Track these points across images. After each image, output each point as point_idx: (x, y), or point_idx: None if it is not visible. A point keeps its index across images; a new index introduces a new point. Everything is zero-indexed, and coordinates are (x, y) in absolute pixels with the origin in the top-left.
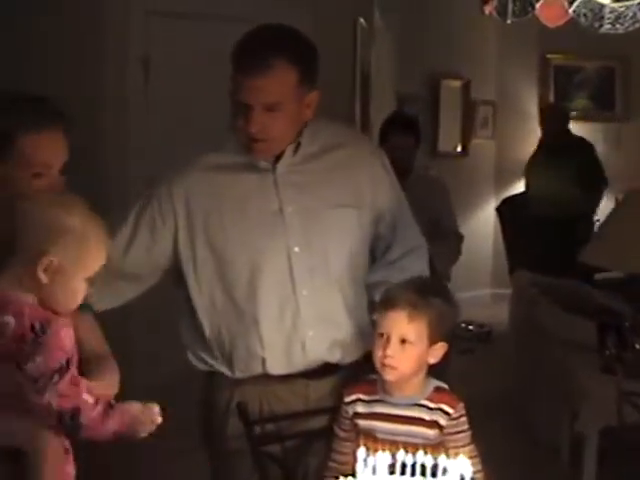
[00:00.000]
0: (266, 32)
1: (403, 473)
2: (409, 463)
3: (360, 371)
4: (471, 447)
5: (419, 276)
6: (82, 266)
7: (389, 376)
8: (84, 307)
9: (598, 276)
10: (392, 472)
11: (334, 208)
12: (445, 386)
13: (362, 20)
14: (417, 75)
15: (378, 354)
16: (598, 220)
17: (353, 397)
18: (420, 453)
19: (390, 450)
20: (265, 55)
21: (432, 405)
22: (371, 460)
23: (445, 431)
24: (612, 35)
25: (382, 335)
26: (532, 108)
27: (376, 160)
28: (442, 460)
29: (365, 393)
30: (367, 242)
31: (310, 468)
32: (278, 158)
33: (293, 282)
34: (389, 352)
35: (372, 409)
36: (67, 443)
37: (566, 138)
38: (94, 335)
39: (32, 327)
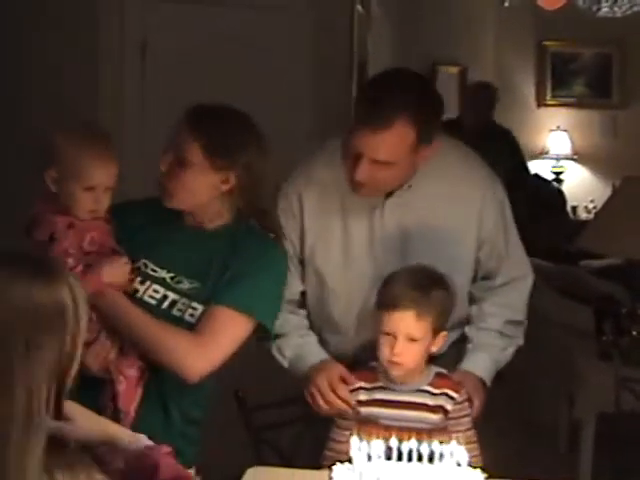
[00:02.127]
0: (395, 83)
1: (400, 460)
2: (405, 450)
3: None
4: (473, 432)
5: (421, 268)
6: (78, 176)
7: (396, 372)
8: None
9: (584, 263)
10: (389, 458)
11: (438, 240)
12: (445, 372)
13: (359, 7)
14: (414, 61)
15: (385, 352)
16: (595, 207)
17: (355, 386)
18: (413, 440)
19: (396, 436)
20: (386, 111)
21: (435, 390)
22: (365, 447)
23: (450, 415)
24: (609, 22)
25: (388, 334)
26: (529, 95)
27: (487, 191)
28: (437, 447)
29: (366, 381)
30: (468, 273)
31: (308, 454)
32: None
33: None
34: (397, 351)
35: (374, 396)
36: None
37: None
38: None
39: None
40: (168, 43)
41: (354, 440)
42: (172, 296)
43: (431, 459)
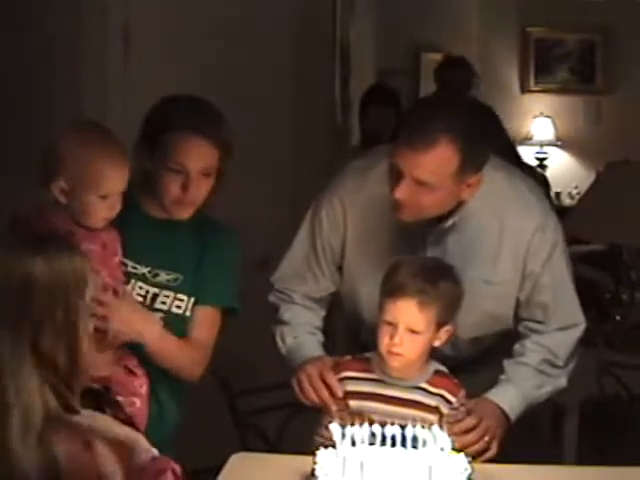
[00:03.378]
0: (444, 104)
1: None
2: (388, 435)
3: None
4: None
5: (428, 259)
6: (92, 185)
7: (395, 363)
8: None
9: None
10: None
11: (474, 280)
12: (445, 370)
13: None
14: (398, 49)
15: (384, 342)
16: (579, 193)
17: (341, 375)
18: (397, 425)
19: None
20: (430, 130)
21: (433, 390)
22: (350, 432)
23: (444, 418)
24: (593, 7)
25: (389, 323)
26: (513, 81)
27: (537, 233)
28: (420, 431)
29: (354, 371)
30: (507, 313)
31: (294, 440)
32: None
33: None
34: (397, 340)
35: (366, 388)
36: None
37: None
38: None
39: None
40: (153, 28)
41: (335, 425)
42: (152, 290)
43: (414, 444)
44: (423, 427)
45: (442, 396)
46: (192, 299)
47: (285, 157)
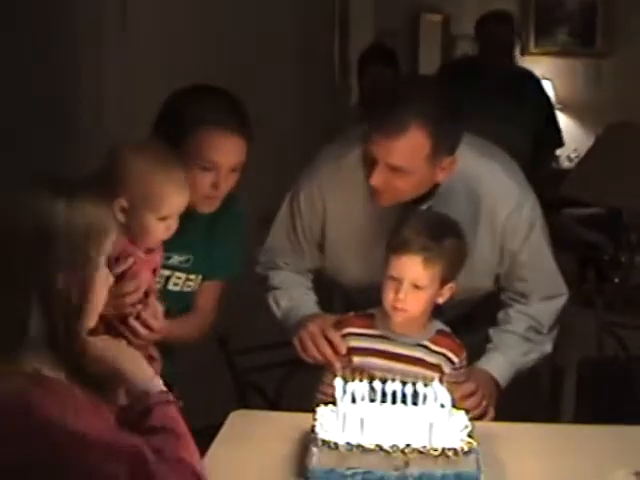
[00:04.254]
0: (410, 88)
1: (384, 402)
2: (389, 391)
3: None
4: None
5: (434, 215)
6: (153, 207)
7: (399, 318)
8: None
9: (566, 211)
10: (372, 400)
11: None
12: (448, 330)
13: None
14: (397, 9)
15: (389, 297)
16: (578, 156)
17: (344, 332)
18: (397, 382)
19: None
20: (400, 116)
21: (435, 348)
22: (350, 388)
23: (446, 379)
24: None
25: (394, 278)
26: None
27: (514, 210)
28: (421, 388)
29: (357, 327)
30: (487, 285)
31: (293, 398)
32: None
33: None
34: (401, 296)
35: (370, 345)
36: None
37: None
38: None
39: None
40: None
41: (338, 382)
42: (165, 273)
43: (415, 401)
44: (425, 384)
45: (444, 355)
46: (201, 276)
47: (287, 116)
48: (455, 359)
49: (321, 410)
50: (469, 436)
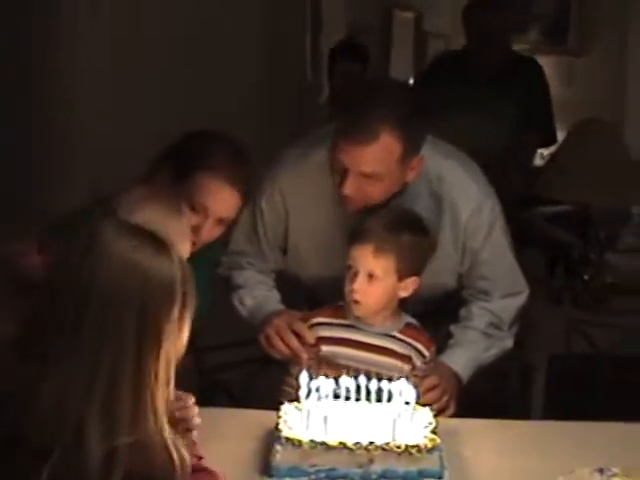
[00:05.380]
0: (377, 95)
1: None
2: (352, 387)
3: None
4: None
5: (398, 209)
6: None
7: (357, 312)
8: None
9: (536, 209)
10: (337, 397)
11: None
12: (417, 323)
13: None
14: (369, 5)
15: (347, 288)
16: (550, 154)
17: (313, 321)
18: (362, 377)
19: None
20: (371, 123)
21: (406, 339)
22: (314, 385)
23: (415, 371)
24: None
25: (350, 267)
26: None
27: (475, 214)
28: (386, 385)
29: (328, 317)
30: (449, 282)
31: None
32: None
33: None
34: (355, 286)
35: (340, 334)
36: None
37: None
38: None
39: None
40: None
41: (303, 378)
42: None
43: (379, 397)
44: (389, 380)
45: (415, 348)
46: None
47: (254, 111)
48: (426, 352)
49: (285, 407)
50: (433, 433)
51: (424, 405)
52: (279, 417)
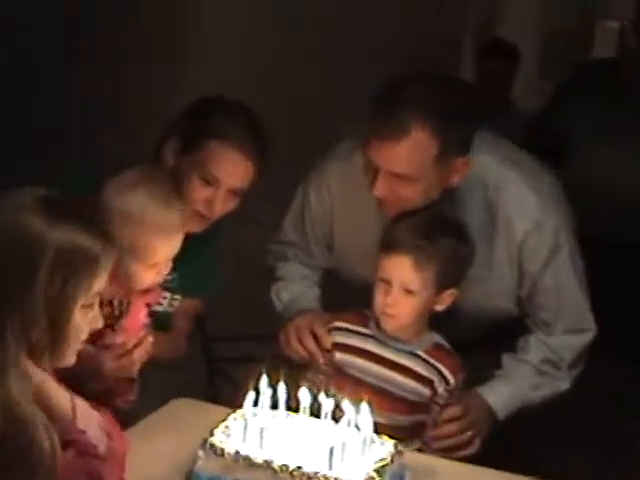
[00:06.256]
0: (411, 86)
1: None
2: (307, 402)
3: None
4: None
5: (433, 212)
6: (137, 257)
7: (388, 326)
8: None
9: None
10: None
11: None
12: (447, 345)
13: None
14: None
15: (378, 300)
16: None
17: (331, 325)
18: (322, 394)
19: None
20: (400, 118)
21: (430, 360)
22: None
23: (436, 399)
24: None
25: (383, 281)
26: None
27: (534, 232)
28: (346, 405)
29: (347, 322)
30: (508, 306)
31: None
32: None
33: None
34: (390, 301)
35: (357, 343)
36: None
37: None
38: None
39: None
40: None
41: (263, 383)
42: None
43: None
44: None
45: (440, 372)
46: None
47: None
48: (451, 378)
49: (238, 412)
50: (376, 471)
51: (412, 437)
52: (222, 421)
